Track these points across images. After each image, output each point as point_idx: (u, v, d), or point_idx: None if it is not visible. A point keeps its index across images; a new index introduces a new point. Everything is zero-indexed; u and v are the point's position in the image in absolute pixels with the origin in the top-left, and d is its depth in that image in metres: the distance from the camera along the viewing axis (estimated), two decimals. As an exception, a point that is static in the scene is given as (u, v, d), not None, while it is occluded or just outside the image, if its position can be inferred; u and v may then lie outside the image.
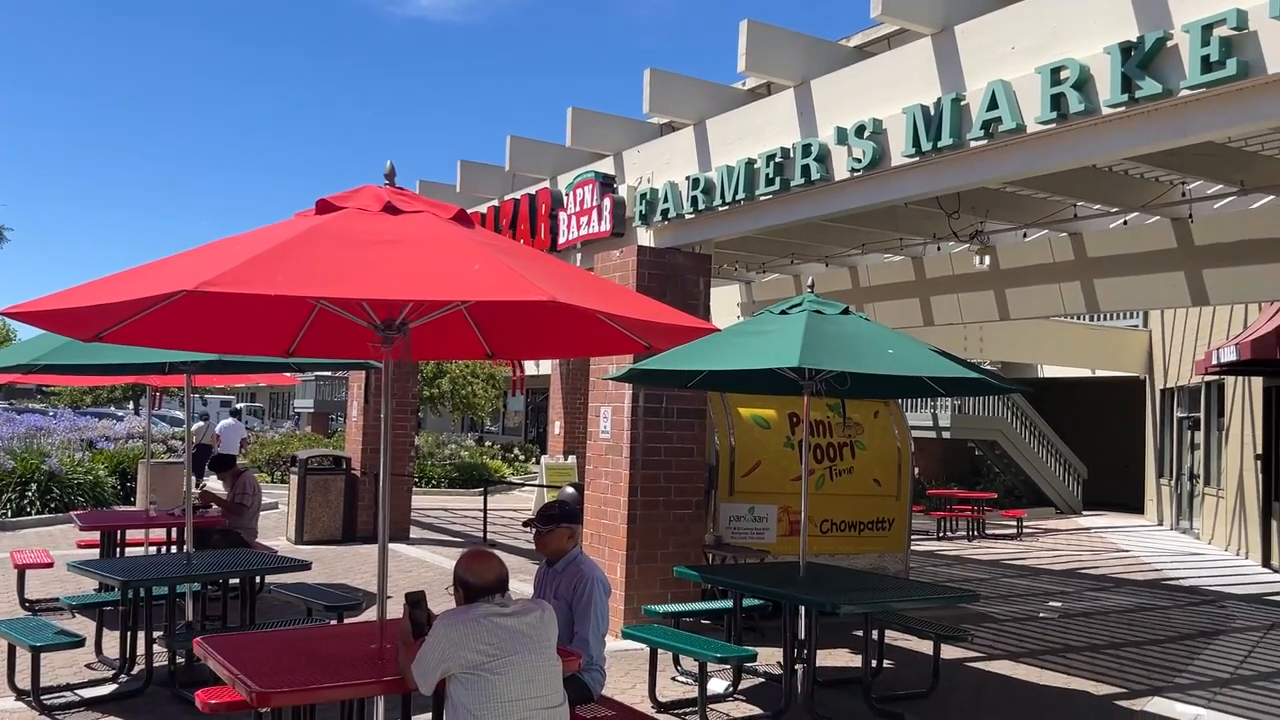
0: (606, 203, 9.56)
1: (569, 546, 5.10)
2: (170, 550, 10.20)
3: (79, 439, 19.07)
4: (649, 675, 6.81)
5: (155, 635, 6.78)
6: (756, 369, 6.46)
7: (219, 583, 8.21)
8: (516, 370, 24.01)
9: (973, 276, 12.48)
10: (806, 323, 6.08)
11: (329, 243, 3.44)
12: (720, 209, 8.34)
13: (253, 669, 3.87)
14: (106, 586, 7.45)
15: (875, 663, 7.25)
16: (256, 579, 8.13)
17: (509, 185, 11.77)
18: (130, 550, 10.10)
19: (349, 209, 3.79)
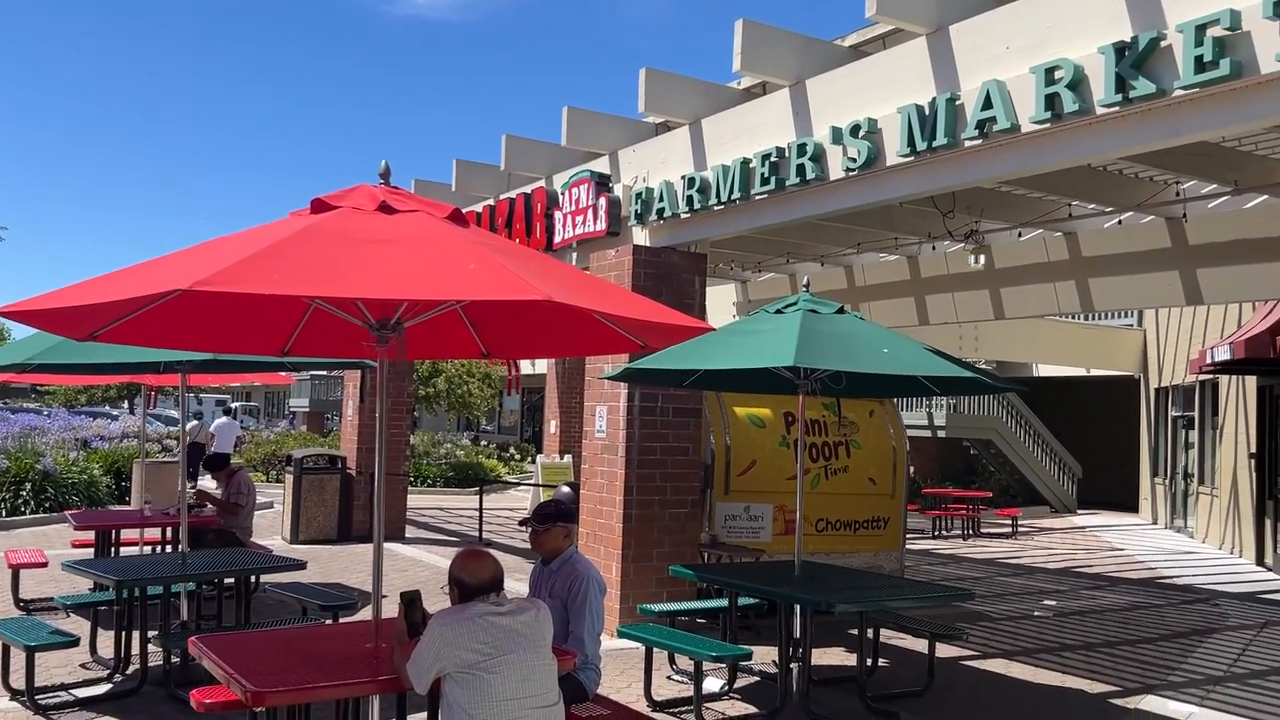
0: (602, 202, 9.55)
1: (565, 545, 5.10)
2: (165, 550, 10.18)
3: (74, 438, 19.05)
4: (644, 674, 6.82)
5: (150, 635, 6.78)
6: (752, 368, 6.46)
7: (214, 582, 8.20)
8: (512, 369, 24.02)
9: (968, 276, 12.49)
10: (802, 322, 6.09)
11: (324, 242, 3.44)
12: (716, 208, 8.34)
13: (248, 668, 3.87)
14: (101, 586, 7.45)
15: (870, 661, 7.26)
16: (251, 578, 8.14)
17: (504, 184, 11.76)
18: (125, 550, 10.07)
19: (344, 208, 3.79)
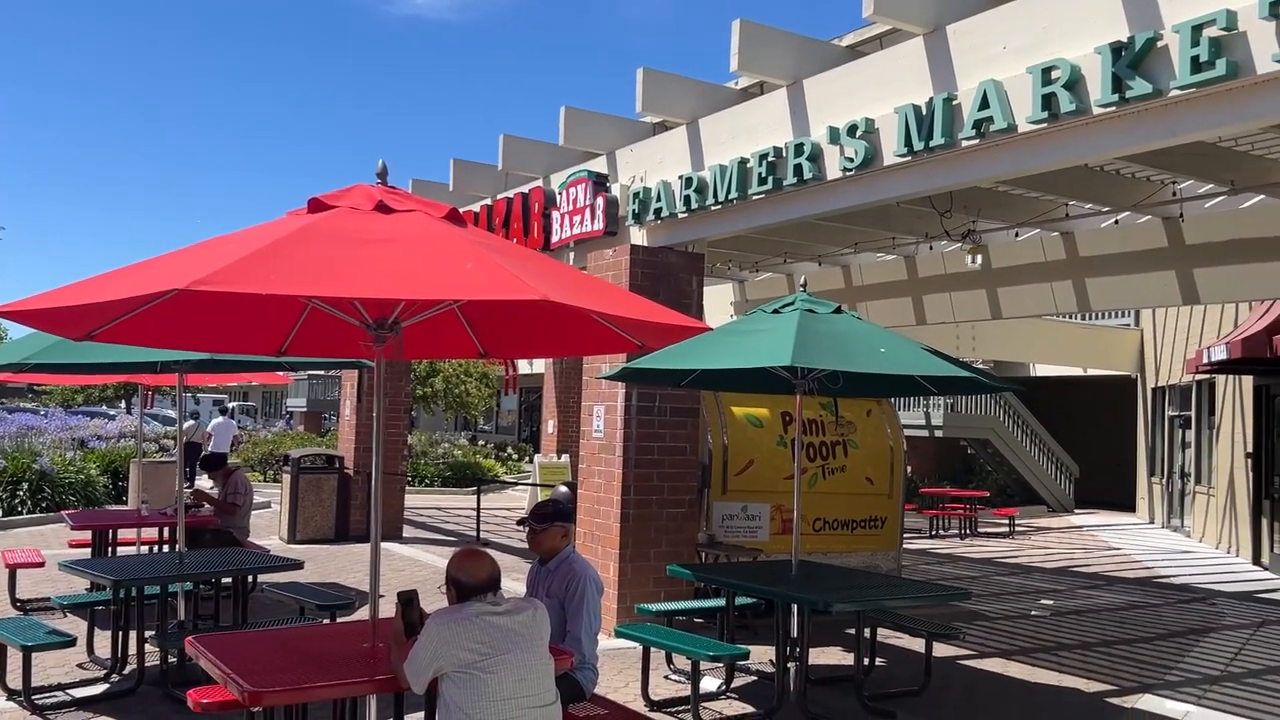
0: (599, 202, 9.55)
1: (562, 545, 5.11)
2: (162, 549, 10.18)
3: (70, 438, 19.04)
4: (642, 673, 6.82)
5: (147, 635, 6.78)
6: (749, 368, 6.47)
7: (211, 582, 8.19)
8: (509, 369, 24.02)
9: (965, 275, 12.50)
10: (799, 322, 6.10)
11: (321, 242, 3.44)
12: (713, 208, 8.34)
13: (245, 668, 3.87)
14: (98, 586, 7.45)
15: (868, 661, 7.27)
16: (249, 578, 8.12)
17: (502, 184, 11.76)
18: (122, 550, 10.07)
19: (341, 208, 3.79)
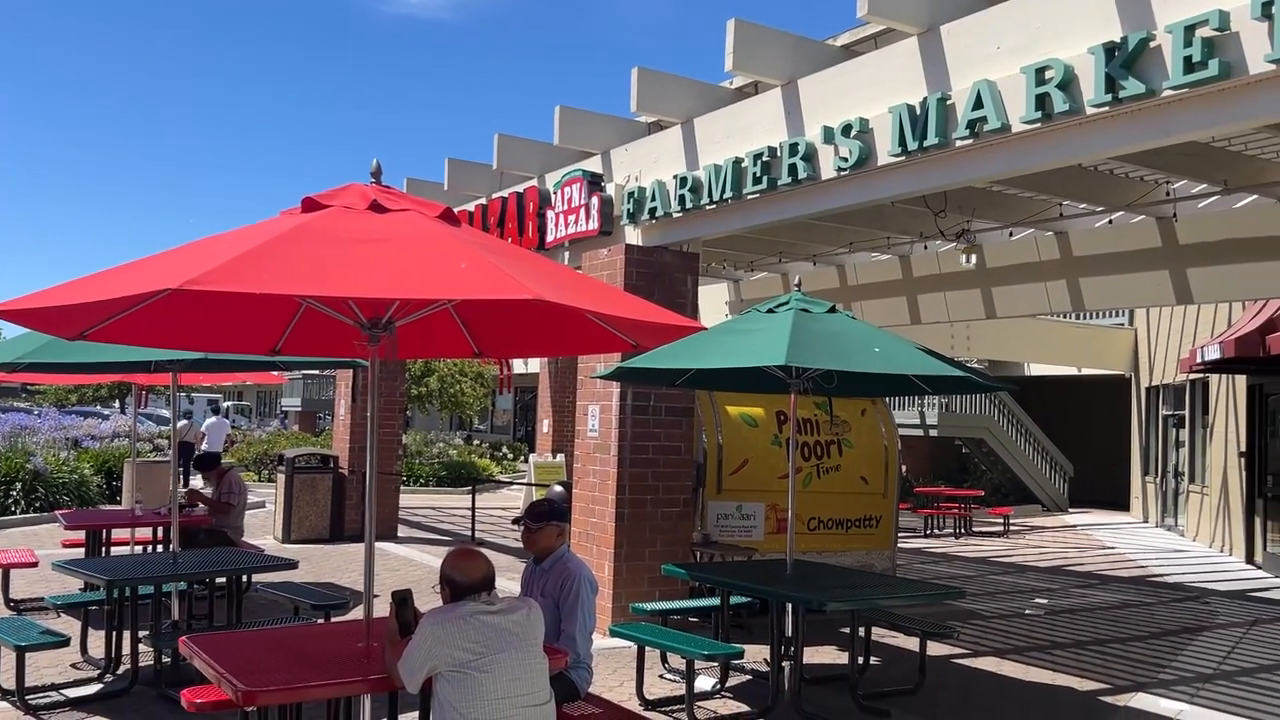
0: (594, 201, 9.55)
1: (557, 544, 5.11)
2: (156, 549, 10.16)
3: (64, 438, 19.00)
4: (636, 673, 6.82)
5: (141, 635, 6.76)
6: (744, 367, 6.47)
7: (205, 582, 8.18)
8: (504, 369, 24.04)
9: (959, 275, 12.52)
10: (793, 321, 6.10)
11: (315, 241, 3.43)
12: (708, 208, 8.35)
13: (239, 668, 3.87)
14: (92, 586, 7.42)
15: (862, 660, 7.27)
16: (243, 578, 8.11)
17: (497, 184, 11.76)
18: (116, 549, 10.05)
19: (335, 207, 3.78)
